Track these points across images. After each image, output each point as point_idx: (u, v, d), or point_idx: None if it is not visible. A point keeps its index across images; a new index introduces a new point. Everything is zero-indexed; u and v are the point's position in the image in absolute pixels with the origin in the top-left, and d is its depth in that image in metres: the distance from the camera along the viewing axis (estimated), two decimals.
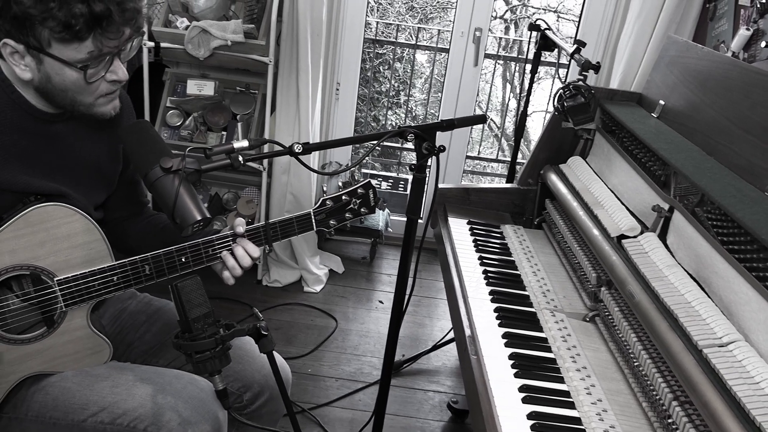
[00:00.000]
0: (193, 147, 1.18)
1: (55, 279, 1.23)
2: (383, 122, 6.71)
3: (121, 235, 1.51)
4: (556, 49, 2.31)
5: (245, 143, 1.21)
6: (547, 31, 2.25)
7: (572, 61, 1.99)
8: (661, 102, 1.87)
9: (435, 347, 2.65)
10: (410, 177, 4.08)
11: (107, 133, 1.38)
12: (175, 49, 2.67)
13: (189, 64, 2.97)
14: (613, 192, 1.78)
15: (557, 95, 1.82)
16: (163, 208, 1.16)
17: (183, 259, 1.31)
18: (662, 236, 1.53)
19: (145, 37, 2.58)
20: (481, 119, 1.49)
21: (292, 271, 3.07)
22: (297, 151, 1.24)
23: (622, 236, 1.59)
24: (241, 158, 1.20)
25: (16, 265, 1.21)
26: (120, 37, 1.15)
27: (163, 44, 2.66)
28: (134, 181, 1.52)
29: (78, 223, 1.24)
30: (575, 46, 1.97)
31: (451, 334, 2.70)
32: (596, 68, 1.87)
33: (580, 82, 1.79)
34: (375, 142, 1.31)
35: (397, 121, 7.08)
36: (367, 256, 3.40)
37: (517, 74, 7.36)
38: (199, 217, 1.15)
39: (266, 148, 1.40)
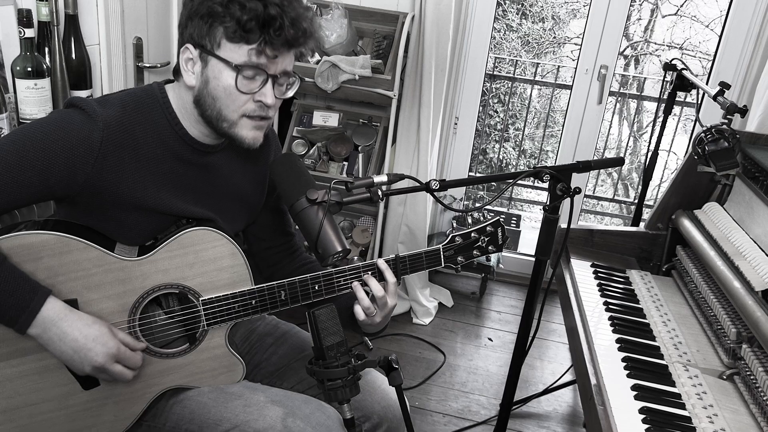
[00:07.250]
0: (337, 180, 1.22)
1: (200, 299, 1.31)
2: (492, 156, 6.69)
3: (273, 269, 1.59)
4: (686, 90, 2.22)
5: (384, 178, 1.25)
6: (684, 71, 2.16)
7: (703, 101, 1.90)
8: None
9: (546, 391, 2.57)
10: (522, 213, 4.06)
11: (254, 166, 1.46)
12: (305, 81, 2.79)
13: (315, 96, 3.10)
14: (755, 242, 1.67)
15: (698, 139, 1.74)
16: (306, 238, 1.20)
17: (316, 287, 1.35)
18: None
19: None
20: (619, 162, 1.45)
21: (402, 302, 3.09)
22: (434, 187, 1.26)
23: None
24: (380, 192, 1.23)
25: (167, 283, 1.29)
26: (281, 52, 1.21)
27: None
28: (280, 211, 1.58)
29: (224, 247, 1.31)
30: (718, 87, 1.88)
31: (564, 378, 2.61)
32: (743, 112, 1.77)
33: (724, 126, 1.70)
34: (512, 180, 1.31)
35: (505, 155, 7.03)
36: (476, 292, 3.37)
37: (637, 113, 7.12)
38: (339, 248, 1.19)
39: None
